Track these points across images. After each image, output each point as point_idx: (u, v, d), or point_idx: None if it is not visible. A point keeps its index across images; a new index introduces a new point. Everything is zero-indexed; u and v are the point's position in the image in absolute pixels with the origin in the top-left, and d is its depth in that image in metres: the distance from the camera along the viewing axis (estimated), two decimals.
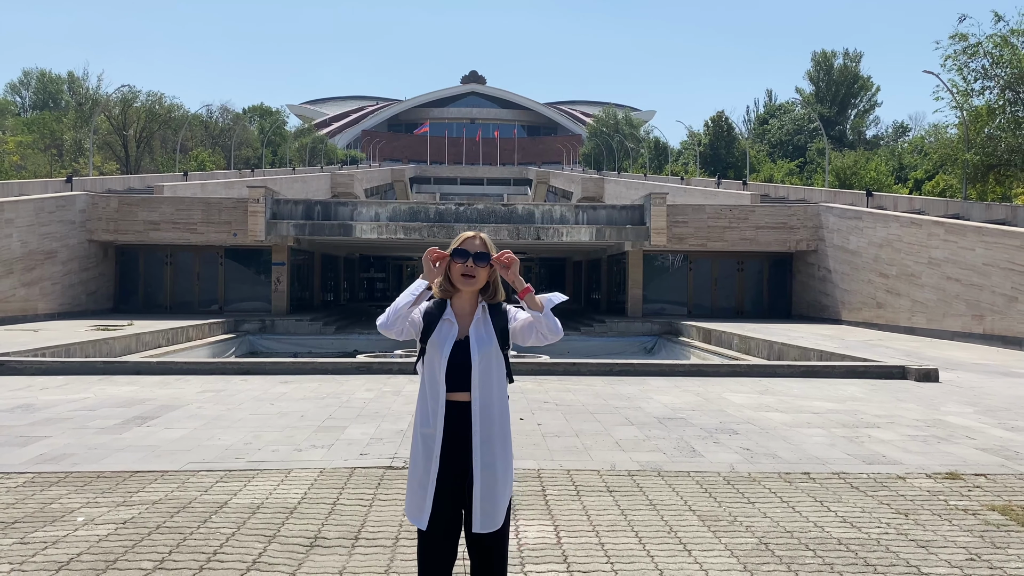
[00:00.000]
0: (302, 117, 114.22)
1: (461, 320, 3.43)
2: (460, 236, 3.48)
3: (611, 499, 6.09)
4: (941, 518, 5.70)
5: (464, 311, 3.45)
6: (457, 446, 3.35)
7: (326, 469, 6.92)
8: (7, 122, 63.13)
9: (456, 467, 3.34)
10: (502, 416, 3.41)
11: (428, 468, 3.34)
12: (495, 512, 3.35)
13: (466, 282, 3.40)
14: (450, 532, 3.36)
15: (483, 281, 3.44)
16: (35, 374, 12.94)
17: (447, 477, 3.34)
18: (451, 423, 3.35)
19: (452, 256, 3.42)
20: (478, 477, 3.32)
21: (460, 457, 3.35)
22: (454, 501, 3.35)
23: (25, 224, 25.17)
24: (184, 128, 57.29)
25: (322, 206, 30.12)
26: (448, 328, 3.39)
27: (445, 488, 3.33)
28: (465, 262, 3.39)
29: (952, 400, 11.22)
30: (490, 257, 3.40)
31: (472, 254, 3.39)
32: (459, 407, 3.36)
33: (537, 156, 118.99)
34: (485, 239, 3.45)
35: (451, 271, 3.42)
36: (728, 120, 68.91)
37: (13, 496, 6.04)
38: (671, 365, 15.00)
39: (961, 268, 22.11)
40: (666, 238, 28.85)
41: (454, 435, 3.35)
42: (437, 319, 3.41)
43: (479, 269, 3.40)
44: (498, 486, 3.36)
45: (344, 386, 12.06)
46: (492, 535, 3.36)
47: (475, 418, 3.34)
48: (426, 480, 3.34)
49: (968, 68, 29.61)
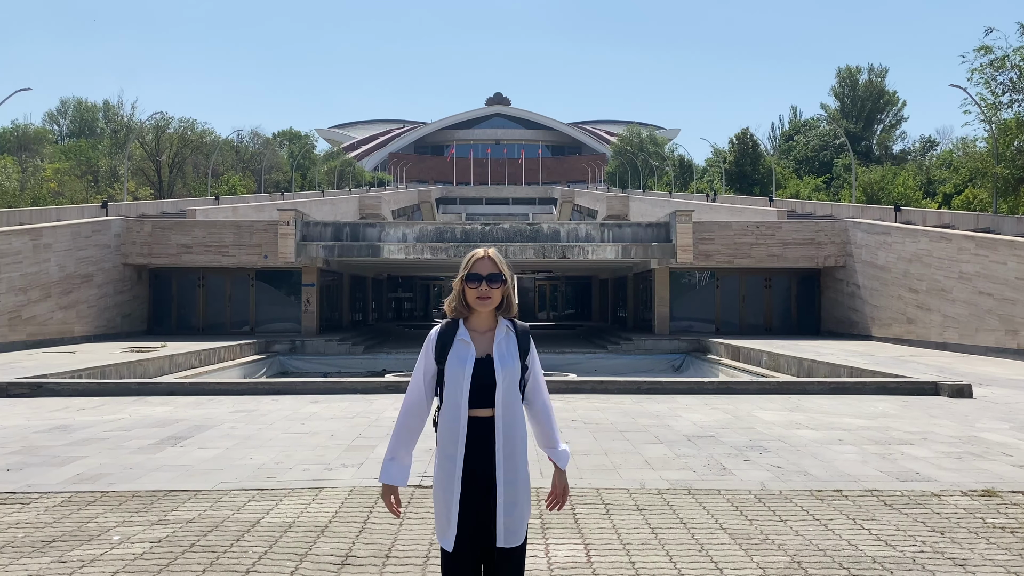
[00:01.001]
0: (331, 141, 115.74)
1: (478, 338, 3.44)
2: (470, 258, 3.47)
3: (641, 518, 6.07)
4: (978, 536, 5.61)
5: (481, 328, 3.46)
6: (480, 462, 3.36)
7: (356, 488, 6.97)
8: (45, 150, 64.69)
9: (479, 484, 3.36)
10: (522, 431, 3.44)
11: (451, 488, 3.36)
12: (518, 527, 3.37)
13: (482, 304, 3.41)
14: (476, 550, 3.37)
15: (499, 299, 3.44)
16: (72, 395, 13.18)
17: (470, 495, 3.35)
18: (473, 439, 3.37)
19: (465, 280, 3.41)
20: (502, 493, 3.34)
21: (482, 473, 3.36)
22: (478, 519, 3.35)
23: (63, 249, 25.73)
24: (215, 153, 58.30)
25: (350, 228, 30.45)
26: (465, 348, 3.40)
27: (469, 507, 3.34)
28: (479, 286, 3.40)
29: (987, 416, 11.03)
30: (502, 276, 3.43)
31: (484, 277, 3.40)
32: (481, 422, 3.37)
33: (562, 175, 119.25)
34: (494, 257, 3.44)
35: (466, 295, 3.42)
36: (753, 137, 68.55)
37: (51, 515, 6.16)
38: (700, 383, 14.90)
39: (993, 283, 21.76)
40: (692, 255, 28.73)
41: (476, 451, 3.36)
42: (451, 339, 3.43)
43: (493, 290, 3.41)
44: (520, 500, 3.38)
45: (373, 405, 12.14)
46: (512, 550, 3.37)
47: (499, 434, 3.36)
48: (450, 500, 3.35)
49: (995, 81, 29.32)
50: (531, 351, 3.50)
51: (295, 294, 30.44)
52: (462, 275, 3.43)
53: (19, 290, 23.72)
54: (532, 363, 3.50)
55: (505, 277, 3.43)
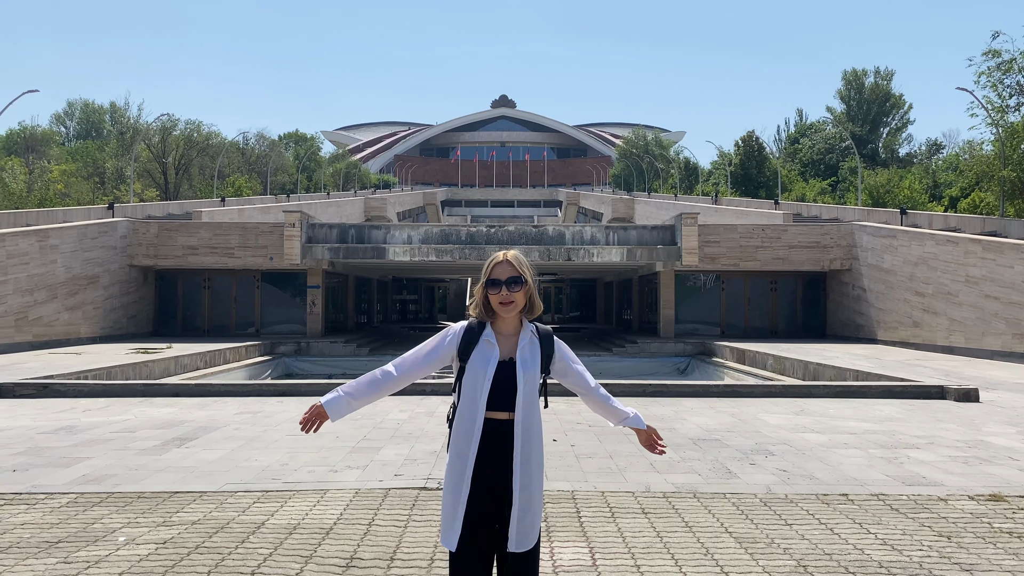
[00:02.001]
0: (336, 143, 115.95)
1: (503, 340, 3.41)
2: (490, 262, 3.43)
3: (646, 521, 6.05)
4: (985, 541, 5.59)
5: (507, 331, 3.43)
6: (493, 464, 3.32)
7: (361, 490, 6.97)
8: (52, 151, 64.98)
9: (490, 486, 3.33)
10: (539, 437, 3.43)
11: (460, 488, 3.32)
12: (531, 531, 3.35)
13: (507, 309, 3.38)
14: (483, 553, 3.32)
15: (523, 303, 3.40)
16: (78, 396, 13.21)
17: (480, 497, 3.31)
18: (489, 441, 3.34)
19: (487, 287, 3.38)
20: (517, 497, 3.31)
21: (495, 475, 3.32)
22: (487, 521, 3.31)
23: (69, 250, 25.83)
24: (221, 155, 58.44)
25: (356, 230, 30.49)
26: (489, 349, 3.37)
27: (477, 508, 3.30)
28: (500, 291, 3.36)
29: (994, 420, 10.98)
30: (523, 279, 3.38)
31: (504, 282, 3.36)
32: (499, 425, 3.34)
33: (567, 178, 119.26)
34: (514, 260, 3.40)
35: (489, 300, 3.40)
36: (759, 140, 68.48)
37: (57, 516, 6.17)
38: (705, 386, 14.87)
39: (1000, 286, 21.68)
40: (698, 258, 28.70)
41: (491, 453, 3.33)
42: (477, 338, 3.40)
43: (515, 294, 3.37)
44: (534, 505, 3.36)
45: (378, 407, 12.13)
46: (525, 554, 3.34)
47: (517, 438, 3.34)
48: (457, 500, 3.31)
49: (1003, 84, 29.28)
50: (560, 351, 3.50)
51: (300, 296, 30.49)
52: (483, 281, 3.41)
53: (26, 291, 23.80)
54: (570, 362, 3.52)
55: (526, 279, 3.40)
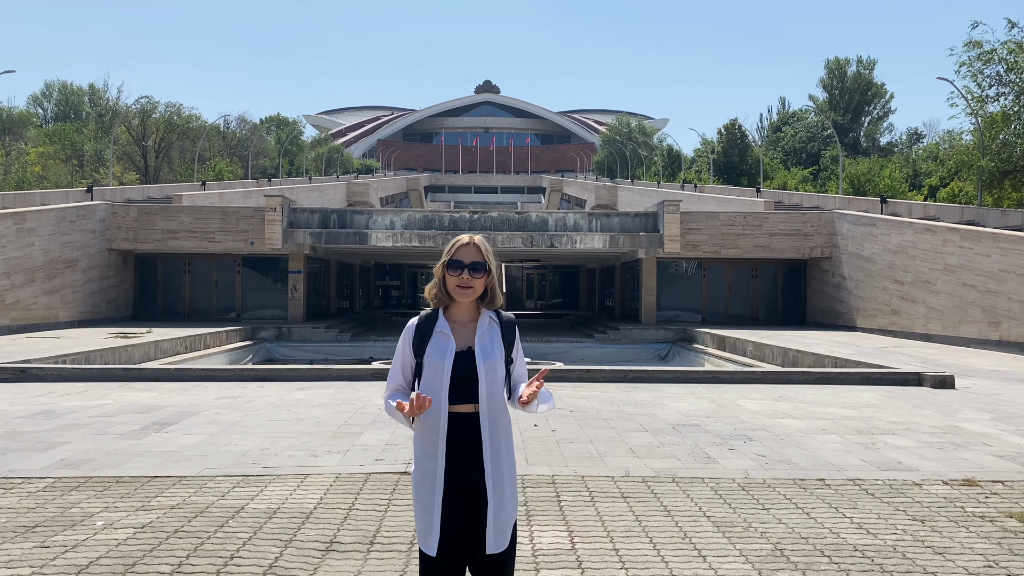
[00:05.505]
0: (318, 127, 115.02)
1: (458, 329, 3.26)
2: (454, 243, 3.26)
3: (625, 505, 6.10)
4: (958, 525, 5.68)
5: (461, 319, 3.28)
6: (462, 459, 3.17)
7: (342, 475, 6.97)
8: (29, 133, 63.97)
9: (461, 482, 3.16)
10: (507, 428, 3.27)
11: (433, 488, 3.15)
12: (507, 527, 3.21)
13: (463, 293, 3.22)
14: (462, 554, 3.17)
15: (480, 290, 3.25)
16: (56, 380, 13.09)
17: (452, 495, 3.15)
18: (455, 436, 3.17)
19: (447, 267, 3.22)
20: (491, 493, 3.16)
21: (465, 471, 3.17)
22: (460, 521, 3.15)
23: (47, 233, 25.49)
24: (202, 138, 57.84)
25: (338, 215, 30.32)
26: (444, 340, 3.22)
27: (451, 508, 3.15)
28: (460, 274, 3.20)
29: (969, 407, 11.15)
30: (487, 266, 3.22)
31: (467, 265, 3.20)
32: (464, 418, 3.18)
33: (551, 164, 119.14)
34: (479, 245, 3.25)
35: (446, 282, 3.23)
36: (742, 128, 68.73)
37: (34, 500, 6.13)
38: (685, 372, 14.97)
39: (977, 274, 21.94)
40: (680, 245, 28.80)
41: (458, 448, 3.17)
42: (430, 331, 3.24)
43: (476, 280, 3.21)
44: (507, 504, 3.20)
45: (359, 392, 12.13)
46: (502, 553, 3.19)
47: (484, 431, 3.17)
48: (432, 501, 3.15)
49: (983, 75, 29.54)
50: (516, 343, 3.32)
51: (282, 281, 30.32)
52: (444, 261, 3.24)
53: (2, 274, 23.49)
54: (517, 356, 3.33)
55: (490, 267, 3.23)
